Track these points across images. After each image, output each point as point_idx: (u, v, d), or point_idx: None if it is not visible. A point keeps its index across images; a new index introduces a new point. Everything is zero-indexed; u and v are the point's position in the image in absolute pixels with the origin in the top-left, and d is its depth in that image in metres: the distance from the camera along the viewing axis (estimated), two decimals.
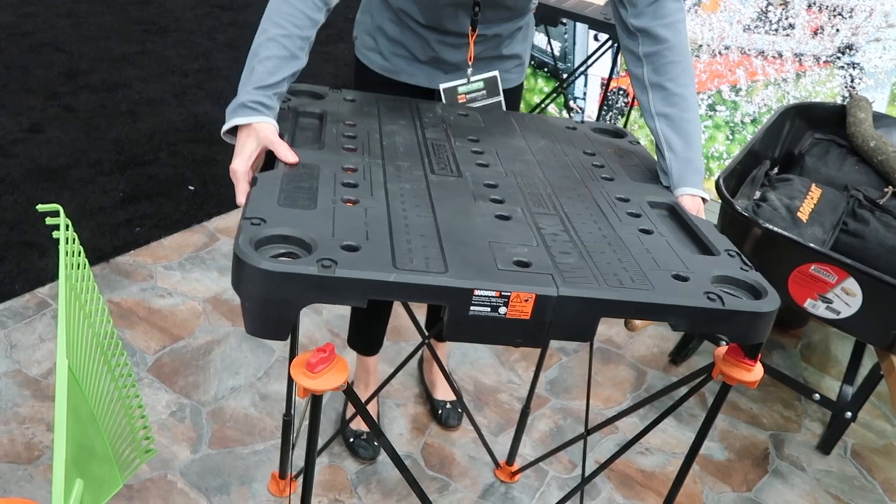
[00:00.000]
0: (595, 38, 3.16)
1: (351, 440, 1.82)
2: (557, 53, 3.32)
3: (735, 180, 1.96)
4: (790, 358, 2.40)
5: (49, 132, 3.05)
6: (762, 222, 1.71)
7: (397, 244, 0.88)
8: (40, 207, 1.04)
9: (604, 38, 2.96)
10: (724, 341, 0.97)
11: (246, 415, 1.89)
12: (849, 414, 1.96)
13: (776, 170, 2.18)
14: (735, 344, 1.05)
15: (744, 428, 2.10)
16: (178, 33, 4.31)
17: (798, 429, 2.12)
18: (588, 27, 3.09)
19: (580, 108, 3.35)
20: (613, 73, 3.02)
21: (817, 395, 2.00)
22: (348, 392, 0.98)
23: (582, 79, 3.29)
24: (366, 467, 1.80)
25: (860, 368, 2.05)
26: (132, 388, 1.30)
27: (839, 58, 2.61)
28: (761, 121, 2.85)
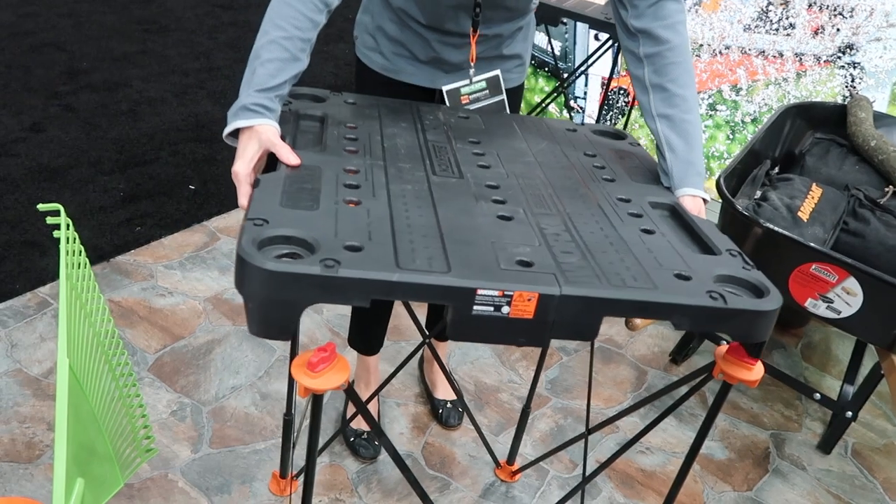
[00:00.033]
0: (595, 38, 3.15)
1: (351, 439, 1.82)
2: (558, 53, 3.31)
3: (736, 180, 1.96)
4: (791, 357, 2.40)
5: (50, 131, 3.05)
6: (763, 222, 1.71)
7: (400, 244, 0.88)
8: (41, 207, 1.04)
9: (604, 38, 2.96)
10: (725, 340, 0.97)
11: (246, 414, 1.89)
12: (849, 413, 1.96)
13: (777, 169, 2.18)
14: (736, 343, 1.05)
15: (744, 427, 2.10)
16: (179, 33, 4.31)
17: (799, 428, 2.12)
18: (588, 27, 3.09)
19: (581, 108, 3.35)
20: (614, 73, 3.02)
21: (818, 395, 2.00)
22: (349, 391, 0.98)
23: (582, 78, 3.28)
24: (366, 467, 1.80)
25: (861, 368, 2.05)
26: (133, 388, 1.30)
27: (840, 57, 2.61)
28: (762, 120, 2.85)
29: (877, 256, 1.81)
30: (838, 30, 2.58)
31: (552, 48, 3.19)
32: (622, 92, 3.20)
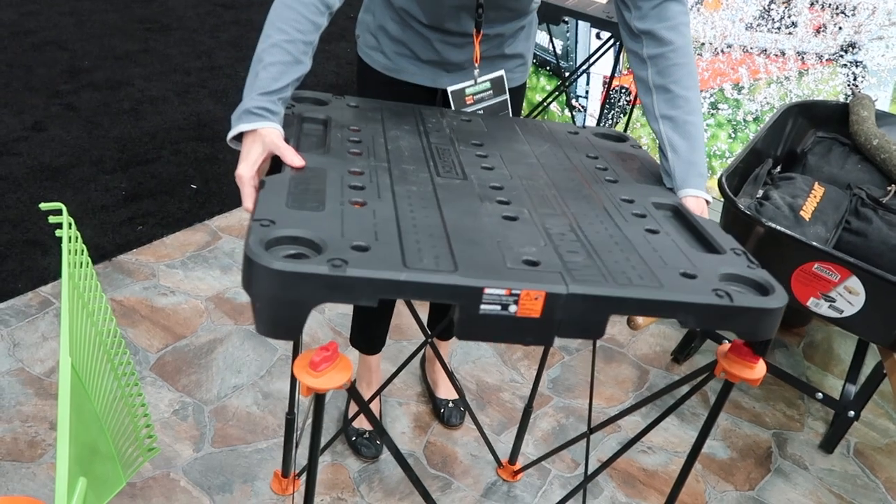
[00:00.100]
0: (597, 37, 3.15)
1: (353, 439, 1.82)
2: (559, 52, 3.31)
3: (737, 179, 1.96)
4: (793, 357, 2.40)
5: (51, 130, 3.05)
6: (765, 221, 1.71)
7: (406, 244, 0.88)
8: (43, 206, 1.04)
9: (606, 37, 2.96)
10: (727, 339, 0.97)
11: (248, 413, 1.89)
12: (852, 413, 1.96)
13: (779, 168, 2.18)
14: (738, 342, 1.05)
15: (746, 427, 2.09)
16: (181, 31, 4.32)
17: (801, 428, 2.12)
18: (590, 25, 3.09)
19: (582, 107, 3.35)
20: (615, 72, 3.01)
21: (820, 394, 1.99)
22: (351, 391, 0.98)
23: (584, 77, 3.28)
24: (368, 466, 1.80)
25: (863, 367, 2.05)
26: (135, 387, 1.30)
27: (842, 56, 2.61)
28: (763, 119, 2.85)
29: (879, 255, 1.80)
30: (840, 28, 2.58)
31: (554, 47, 3.19)
32: (624, 91, 3.20)
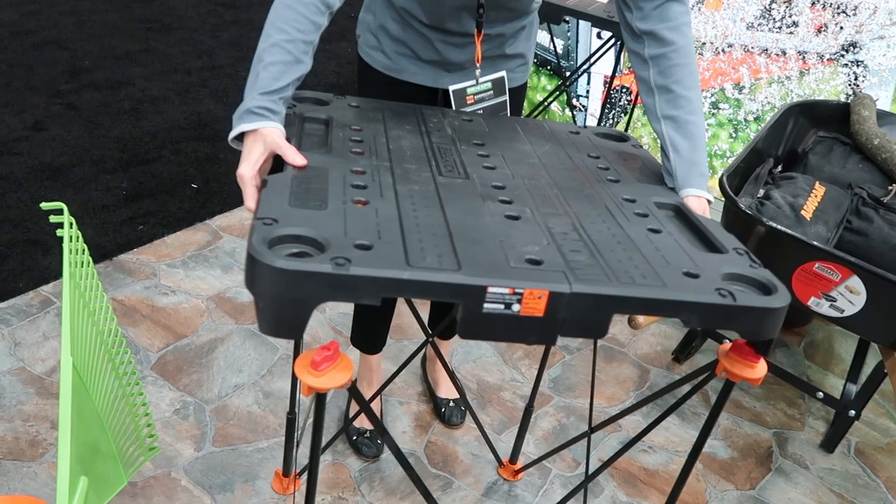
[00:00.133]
0: (598, 36, 3.15)
1: (354, 438, 1.82)
2: (560, 51, 3.31)
3: (738, 178, 1.96)
4: (794, 356, 2.40)
5: (52, 130, 3.05)
6: (766, 220, 1.71)
7: (409, 243, 0.88)
8: (44, 205, 1.04)
9: (607, 36, 2.96)
10: (728, 339, 0.98)
11: (249, 412, 1.89)
12: (852, 412, 1.96)
13: (780, 168, 2.18)
14: (739, 341, 1.05)
15: (747, 426, 2.09)
16: (182, 31, 4.31)
17: (801, 427, 2.12)
18: (591, 25, 3.09)
19: (583, 107, 3.35)
20: (616, 71, 3.01)
21: (821, 394, 1.99)
22: (352, 390, 0.98)
23: (585, 77, 3.28)
24: (369, 465, 1.80)
25: (864, 367, 2.04)
26: (136, 386, 1.30)
27: (843, 55, 2.61)
28: (764, 119, 2.85)
29: (880, 255, 1.80)
30: (841, 28, 2.58)
31: (554, 46, 3.19)
32: (624, 90, 3.20)
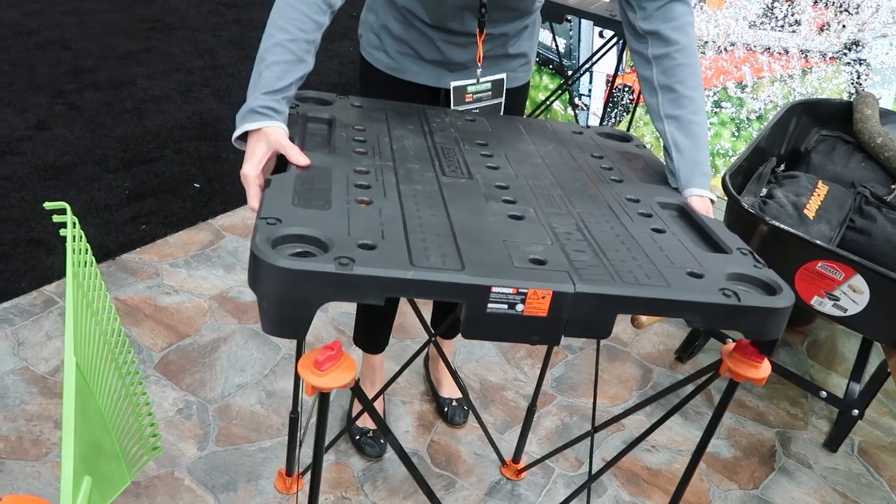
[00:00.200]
0: (600, 35, 3.15)
1: (357, 437, 1.82)
2: (562, 50, 3.31)
3: (741, 177, 1.96)
4: (797, 355, 2.40)
5: (55, 130, 3.05)
6: (769, 219, 1.71)
7: (413, 243, 0.88)
8: (47, 205, 1.04)
9: (609, 35, 2.95)
10: (731, 339, 0.97)
11: (252, 412, 1.90)
12: (856, 411, 1.96)
13: (782, 167, 2.18)
14: (743, 341, 1.05)
15: (750, 425, 2.09)
16: (183, 31, 4.32)
17: (805, 426, 2.12)
18: (593, 24, 3.08)
19: (585, 106, 3.34)
20: (618, 70, 3.01)
21: (824, 393, 1.99)
22: (356, 389, 0.98)
23: (587, 76, 3.28)
24: (372, 465, 1.80)
25: (867, 366, 2.04)
26: (139, 386, 1.30)
27: (845, 54, 2.60)
28: (767, 117, 2.84)
29: (883, 254, 1.80)
30: (844, 26, 2.57)
31: (556, 45, 3.18)
32: (626, 89, 3.19)
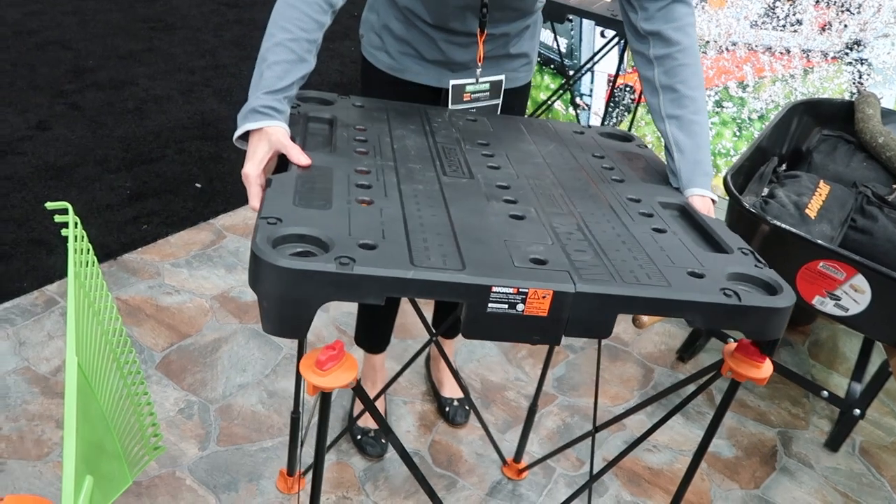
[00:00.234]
0: (602, 35, 3.15)
1: (359, 437, 1.82)
2: (564, 50, 3.31)
3: (742, 177, 1.96)
4: (798, 355, 2.40)
5: (56, 130, 3.06)
6: (770, 219, 1.71)
7: (414, 242, 0.88)
8: (49, 205, 1.04)
9: (610, 35, 2.95)
10: (733, 338, 0.97)
11: (254, 412, 1.90)
12: (857, 411, 1.95)
13: (784, 166, 2.18)
14: (745, 341, 1.05)
15: (751, 425, 2.09)
16: (185, 31, 4.32)
17: (806, 426, 2.12)
18: (594, 24, 3.08)
19: (586, 105, 3.34)
20: (620, 70, 3.01)
21: (825, 393, 1.99)
22: (357, 389, 0.98)
23: (588, 75, 3.28)
24: (373, 464, 1.80)
25: (868, 366, 2.04)
26: (141, 386, 1.30)
27: (847, 54, 2.60)
28: (769, 117, 2.84)
29: (885, 254, 1.80)
30: (846, 26, 2.57)
31: (558, 45, 3.18)
32: (628, 89, 3.19)
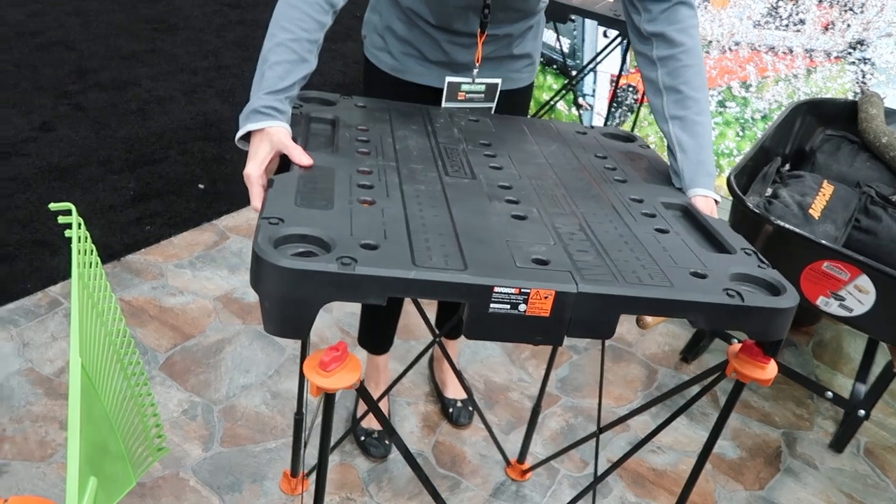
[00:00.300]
0: (604, 35, 3.14)
1: (362, 438, 1.82)
2: (566, 50, 3.31)
3: (746, 177, 1.95)
4: (802, 356, 2.39)
5: (60, 131, 3.06)
6: (774, 219, 1.70)
7: (416, 243, 0.88)
8: (53, 206, 1.04)
9: (613, 35, 2.95)
10: (737, 339, 0.97)
11: (257, 413, 1.90)
12: (862, 412, 1.95)
13: (787, 166, 2.17)
14: (749, 342, 1.04)
15: (756, 426, 2.09)
16: (187, 31, 4.32)
17: (810, 427, 2.11)
18: (597, 24, 3.08)
19: (589, 105, 3.34)
20: (623, 70, 3.00)
21: (830, 394, 1.98)
22: (361, 390, 0.98)
23: (591, 76, 3.27)
24: (377, 465, 1.80)
25: (873, 366, 2.04)
26: (144, 387, 1.30)
27: (850, 53, 2.60)
28: (772, 117, 2.84)
29: (889, 254, 1.79)
30: (849, 25, 2.57)
31: (560, 45, 3.18)
32: (631, 89, 3.19)
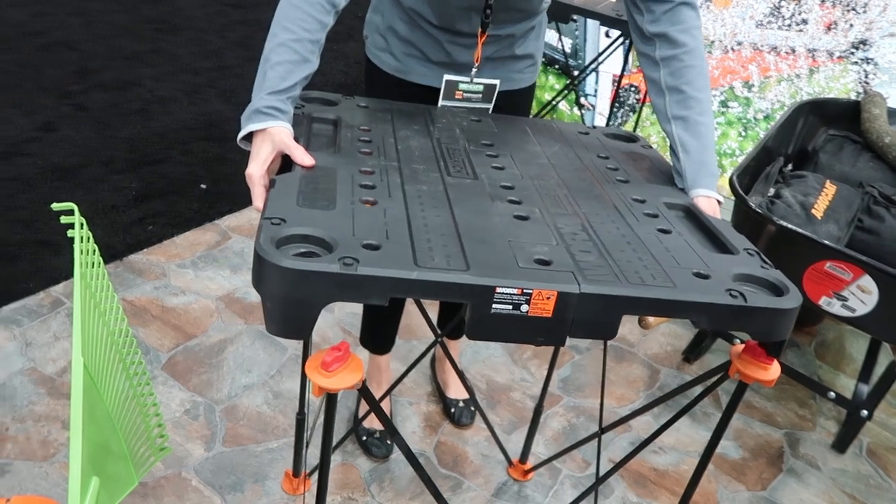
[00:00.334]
0: (606, 35, 3.14)
1: (364, 438, 1.82)
2: (568, 50, 3.30)
3: (748, 177, 1.95)
4: (805, 356, 2.39)
5: (62, 131, 3.06)
6: (776, 219, 1.70)
7: (418, 243, 0.88)
8: (55, 206, 1.04)
9: (615, 35, 2.95)
10: (740, 340, 0.97)
11: (259, 413, 1.90)
12: (864, 412, 1.95)
13: (790, 166, 2.17)
14: (752, 342, 1.04)
15: (758, 426, 2.08)
16: (190, 31, 4.33)
17: (813, 427, 2.11)
18: (599, 24, 3.08)
19: (591, 106, 3.34)
20: (625, 70, 3.00)
21: (832, 394, 1.98)
22: (363, 390, 0.98)
23: (593, 76, 3.27)
24: (379, 465, 1.80)
25: (875, 367, 2.03)
26: (146, 386, 1.30)
27: (853, 53, 2.59)
28: (774, 117, 2.83)
29: (892, 254, 1.79)
30: (851, 25, 2.56)
31: (562, 45, 3.18)
32: (633, 89, 3.19)
